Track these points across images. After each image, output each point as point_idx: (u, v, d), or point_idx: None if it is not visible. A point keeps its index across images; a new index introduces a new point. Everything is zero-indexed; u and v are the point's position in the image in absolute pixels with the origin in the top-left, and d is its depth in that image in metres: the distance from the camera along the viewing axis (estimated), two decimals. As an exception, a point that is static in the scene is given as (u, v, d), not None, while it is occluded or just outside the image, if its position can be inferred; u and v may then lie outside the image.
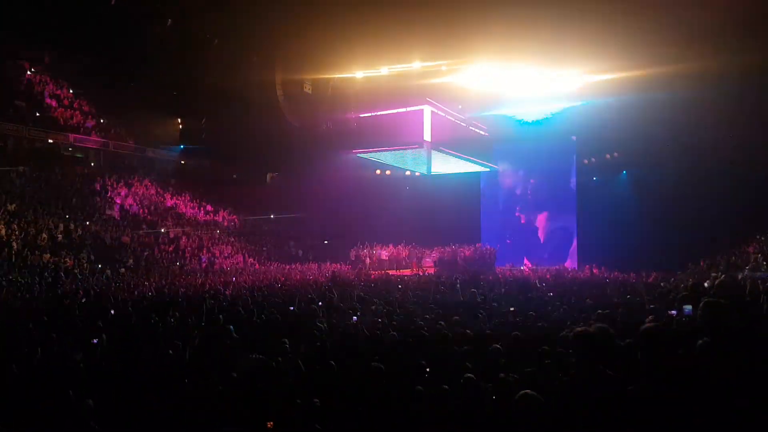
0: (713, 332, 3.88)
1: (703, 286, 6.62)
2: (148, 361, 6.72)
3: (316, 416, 4.92)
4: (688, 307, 5.54)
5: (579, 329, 3.32)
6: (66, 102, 33.67)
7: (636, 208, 26.10)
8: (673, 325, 5.06)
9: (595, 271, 23.63)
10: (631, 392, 2.79)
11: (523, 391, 3.16)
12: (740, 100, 21.47)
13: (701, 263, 21.46)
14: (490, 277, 21.04)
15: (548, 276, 22.23)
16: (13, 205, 23.79)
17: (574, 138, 28.97)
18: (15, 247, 21.02)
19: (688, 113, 22.51)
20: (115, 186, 30.71)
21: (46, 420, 5.03)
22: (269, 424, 4.90)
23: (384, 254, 29.47)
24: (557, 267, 26.55)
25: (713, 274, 10.97)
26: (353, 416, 5.08)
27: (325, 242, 33.78)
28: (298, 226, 34.98)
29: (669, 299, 8.06)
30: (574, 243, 29.68)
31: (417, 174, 32.24)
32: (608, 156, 28.66)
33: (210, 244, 29.20)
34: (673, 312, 6.71)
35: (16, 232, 21.86)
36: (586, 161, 29.79)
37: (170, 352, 6.61)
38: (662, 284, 13.94)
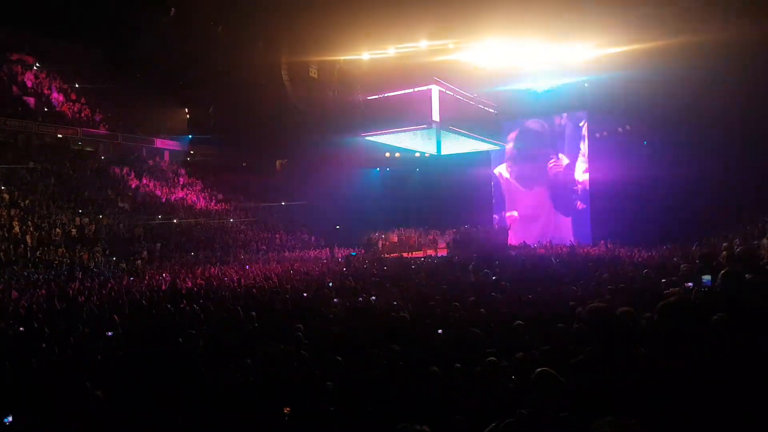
0: (732, 304, 3.79)
1: (717, 256, 6.51)
2: (164, 351, 6.74)
3: (331, 399, 4.91)
4: (706, 278, 5.44)
5: (593, 305, 3.25)
6: (74, 96, 33.78)
7: (650, 181, 25.73)
8: (693, 297, 4.96)
9: (609, 246, 23.41)
10: (663, 370, 2.72)
11: (539, 369, 3.10)
12: (758, 71, 20.98)
13: (716, 237, 21.16)
14: (504, 257, 20.94)
15: (562, 252, 22.13)
16: (26, 201, 23.99)
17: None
18: (29, 242, 21.22)
19: (703, 85, 22.06)
20: (125, 178, 30.85)
21: (63, 413, 5.06)
22: (286, 410, 4.90)
23: (396, 237, 29.43)
24: (570, 244, 26.37)
25: (725, 244, 10.79)
26: (368, 398, 5.06)
27: (337, 227, 33.79)
28: (310, 212, 34.99)
29: (685, 271, 7.93)
30: (588, 218, 29.37)
31: (427, 155, 32.02)
32: (620, 129, 28.21)
33: (223, 233, 29.32)
34: (690, 284, 6.60)
35: (30, 228, 22.06)
36: (598, 135, 29.34)
37: (180, 340, 6.62)
38: (675, 259, 13.75)
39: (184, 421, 4.97)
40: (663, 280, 8.16)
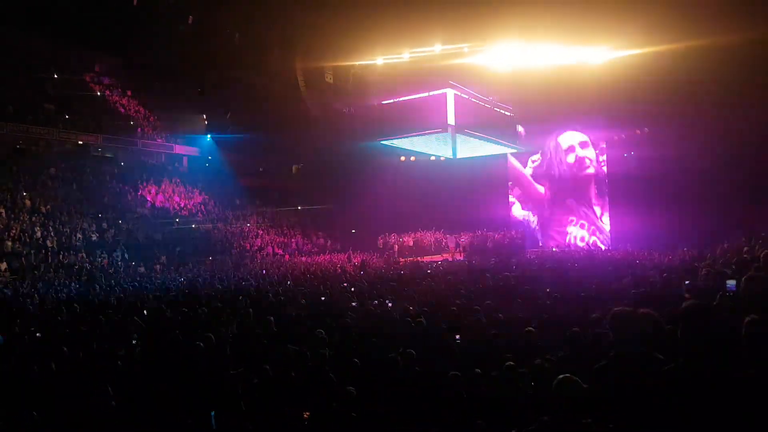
0: (758, 308, 3.71)
1: (747, 260, 6.37)
2: (183, 355, 6.75)
3: (352, 404, 4.88)
4: (731, 283, 5.32)
5: (618, 309, 3.20)
6: (93, 102, 34.21)
7: (669, 184, 25.36)
8: (716, 301, 4.87)
9: (629, 249, 23.10)
10: (668, 372, 2.67)
11: (562, 375, 3.05)
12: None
13: (743, 239, 20.75)
14: (521, 261, 20.81)
15: (581, 256, 21.91)
16: (48, 207, 24.34)
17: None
18: (51, 247, 21.54)
19: (723, 87, 21.71)
20: (145, 184, 31.18)
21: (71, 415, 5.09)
22: (305, 415, 4.88)
23: (412, 241, 29.36)
24: (589, 248, 26.11)
25: (745, 248, 10.57)
26: (388, 403, 5.03)
27: (353, 231, 33.81)
28: (325, 216, 35.08)
29: (709, 275, 7.78)
30: (607, 222, 29.03)
31: (442, 158, 31.93)
32: (638, 131, 27.87)
33: (240, 238, 29.50)
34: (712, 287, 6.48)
35: (51, 233, 22.39)
36: (616, 137, 28.99)
37: (201, 344, 6.61)
38: (696, 264, 13.50)
39: (199, 425, 4.97)
40: (686, 282, 8.00)
